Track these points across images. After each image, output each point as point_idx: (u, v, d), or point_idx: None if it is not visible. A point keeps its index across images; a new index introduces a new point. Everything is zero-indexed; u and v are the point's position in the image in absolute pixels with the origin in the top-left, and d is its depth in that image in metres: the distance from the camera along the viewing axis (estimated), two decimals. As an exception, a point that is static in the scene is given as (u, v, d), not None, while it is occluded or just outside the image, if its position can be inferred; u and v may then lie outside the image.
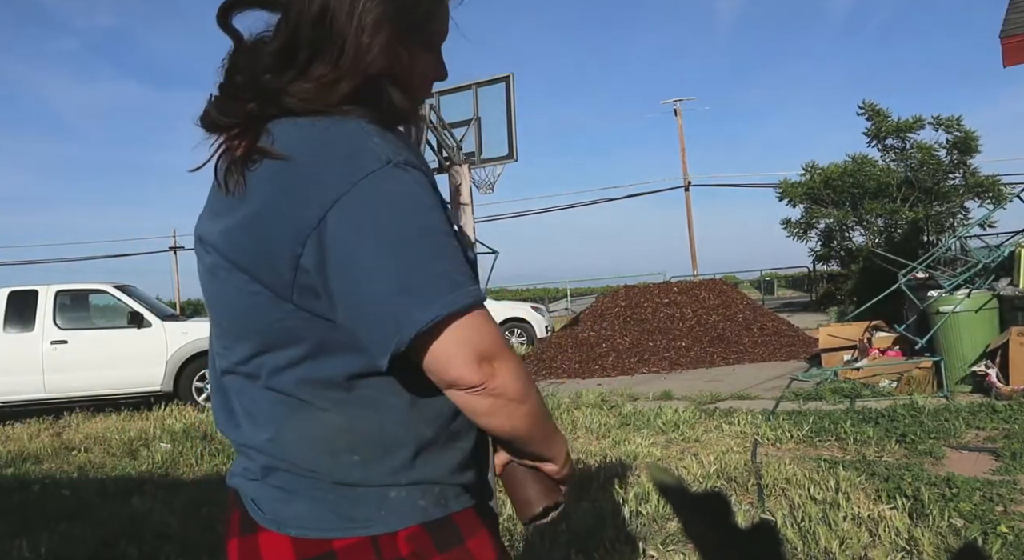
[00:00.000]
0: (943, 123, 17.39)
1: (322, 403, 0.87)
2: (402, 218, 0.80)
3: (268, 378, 0.88)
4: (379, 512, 0.85)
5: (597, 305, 12.14)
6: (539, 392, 0.91)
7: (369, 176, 0.79)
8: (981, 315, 6.47)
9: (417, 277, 0.79)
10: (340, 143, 0.82)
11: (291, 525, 0.85)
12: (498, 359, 0.83)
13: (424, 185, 0.84)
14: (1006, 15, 7.98)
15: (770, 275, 35.17)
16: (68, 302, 8.75)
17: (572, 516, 3.44)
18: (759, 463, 4.24)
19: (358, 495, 0.86)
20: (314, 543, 0.84)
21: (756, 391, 7.33)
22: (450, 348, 0.81)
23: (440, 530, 0.88)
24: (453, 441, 0.93)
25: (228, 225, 0.86)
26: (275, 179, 0.83)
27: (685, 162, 26.56)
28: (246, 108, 0.87)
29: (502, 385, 0.84)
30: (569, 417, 6.23)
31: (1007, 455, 4.11)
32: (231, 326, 0.91)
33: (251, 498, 0.89)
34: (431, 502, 0.88)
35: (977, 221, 10.10)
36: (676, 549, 3.00)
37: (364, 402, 0.87)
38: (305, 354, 0.87)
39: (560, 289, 35.53)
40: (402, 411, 0.88)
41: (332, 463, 0.86)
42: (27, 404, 8.38)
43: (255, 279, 0.85)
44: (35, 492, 4.80)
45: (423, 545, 0.86)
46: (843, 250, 19.62)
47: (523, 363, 0.91)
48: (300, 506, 0.86)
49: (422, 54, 0.95)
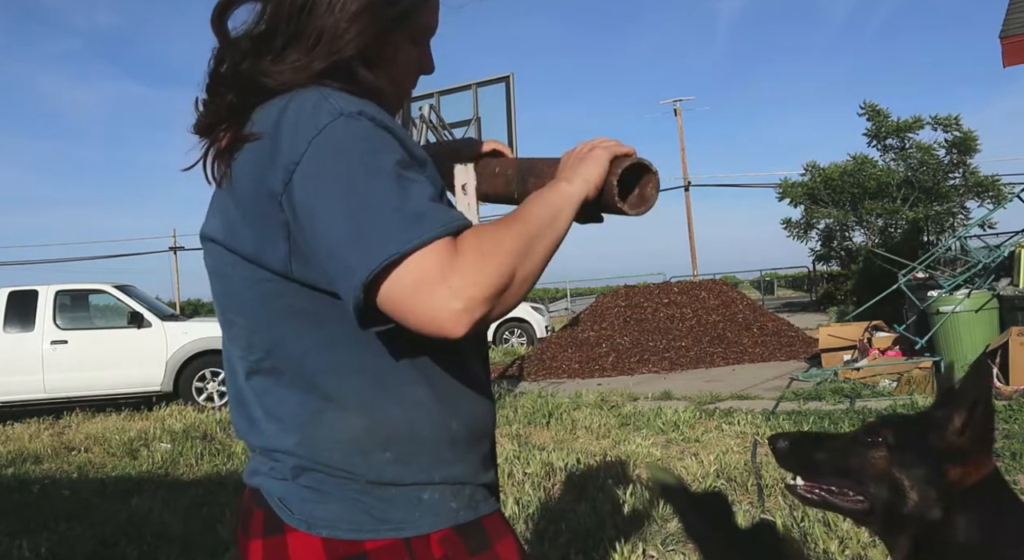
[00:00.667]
0: (942, 123, 17.42)
1: (349, 399, 0.86)
2: (350, 165, 0.79)
3: (293, 371, 0.87)
4: (412, 514, 0.86)
5: (597, 305, 12.14)
6: (515, 236, 0.81)
7: (323, 131, 0.80)
8: (981, 315, 6.48)
9: (368, 220, 0.76)
10: (301, 109, 0.83)
11: (322, 525, 0.85)
12: (467, 286, 0.75)
13: (376, 130, 0.82)
14: (1006, 15, 7.98)
15: (770, 275, 35.18)
16: (68, 302, 8.75)
17: (572, 516, 3.45)
18: (759, 463, 4.24)
19: (392, 496, 0.86)
20: (346, 544, 0.84)
21: (756, 391, 7.33)
22: (407, 293, 0.75)
23: (470, 534, 0.88)
24: (478, 439, 0.94)
25: (225, 216, 0.88)
26: (251, 158, 0.85)
27: (685, 162, 26.58)
28: (227, 102, 0.89)
29: (480, 300, 0.76)
30: (569, 417, 6.23)
31: (1007, 455, 4.12)
32: (248, 322, 0.90)
33: (278, 497, 0.88)
34: (462, 505, 0.89)
35: (977, 221, 10.10)
36: (676, 549, 3.00)
37: (393, 398, 0.87)
38: (325, 340, 0.86)
39: (560, 289, 35.50)
40: (431, 407, 0.88)
41: (365, 462, 0.85)
42: (27, 404, 8.38)
43: (260, 264, 0.86)
44: (35, 492, 4.80)
45: (455, 548, 0.86)
46: (843, 250, 19.64)
47: (491, 243, 0.79)
48: (333, 507, 0.85)
49: (405, 46, 0.97)
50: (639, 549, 2.98)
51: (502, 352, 13.39)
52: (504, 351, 13.59)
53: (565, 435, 5.60)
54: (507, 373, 10.35)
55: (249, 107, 0.87)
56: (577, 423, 5.98)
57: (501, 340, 14.70)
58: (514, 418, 6.33)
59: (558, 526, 3.33)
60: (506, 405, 6.94)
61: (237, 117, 0.87)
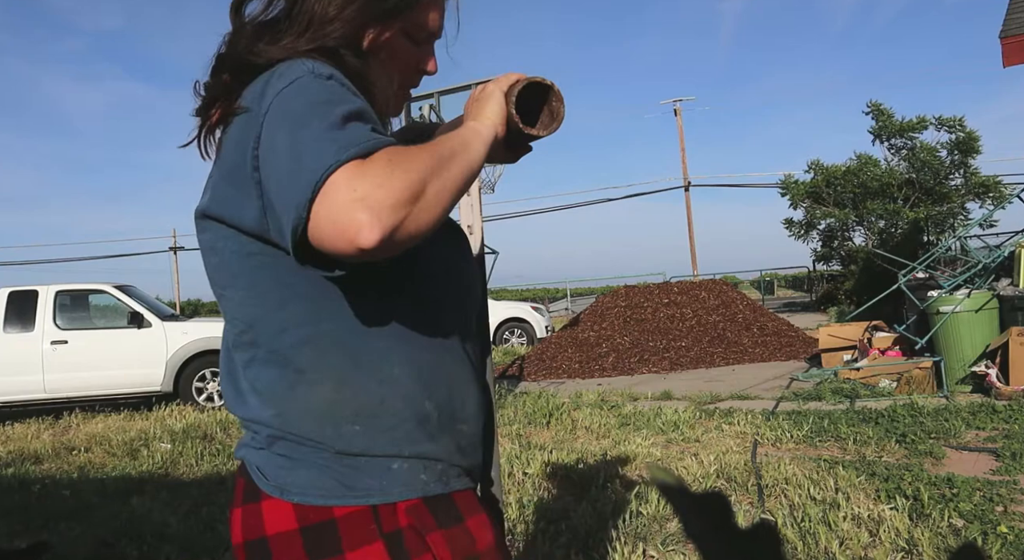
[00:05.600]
0: (945, 123, 17.42)
1: (323, 373, 0.88)
2: (306, 109, 0.79)
3: (271, 344, 0.89)
4: (381, 482, 0.87)
5: (597, 305, 12.14)
6: (426, 154, 0.80)
7: (293, 83, 0.82)
8: (981, 315, 6.48)
9: (306, 148, 0.76)
10: (278, 72, 0.86)
11: (294, 492, 0.87)
12: (373, 189, 0.73)
13: (342, 90, 0.84)
14: (1006, 15, 7.98)
15: (770, 275, 35.18)
16: (68, 302, 8.74)
17: (572, 516, 3.45)
18: (759, 463, 4.24)
19: (361, 465, 0.87)
20: (316, 510, 0.86)
21: (756, 391, 7.33)
22: (320, 212, 0.74)
23: (439, 506, 0.89)
24: (456, 422, 0.95)
25: (214, 189, 0.90)
26: (236, 128, 0.87)
27: (685, 162, 26.58)
28: (222, 81, 0.92)
29: (391, 214, 0.73)
30: (569, 417, 6.23)
31: (1007, 455, 4.11)
32: (233, 294, 0.92)
33: (256, 466, 0.91)
34: (432, 478, 0.90)
35: (977, 221, 10.10)
36: (676, 549, 3.00)
37: (366, 374, 0.89)
38: (304, 314, 0.88)
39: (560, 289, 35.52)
40: (406, 386, 0.90)
41: (335, 433, 0.87)
42: (27, 404, 8.38)
43: (242, 230, 0.87)
44: (35, 492, 4.80)
45: (422, 518, 0.87)
46: (843, 250, 19.63)
47: (400, 160, 0.77)
48: (304, 474, 0.87)
49: (401, 40, 0.99)
50: (639, 549, 2.98)
51: (502, 352, 13.39)
52: (504, 351, 13.58)
53: (565, 435, 5.60)
54: (507, 373, 10.35)
55: (241, 84, 0.90)
56: (577, 423, 5.98)
57: (501, 340, 14.70)
58: (514, 418, 6.33)
59: (558, 526, 3.33)
60: (506, 405, 6.94)
61: (229, 94, 0.90)
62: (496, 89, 0.98)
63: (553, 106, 1.01)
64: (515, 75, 1.00)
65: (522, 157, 1.08)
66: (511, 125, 0.97)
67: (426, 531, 0.87)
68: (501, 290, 31.88)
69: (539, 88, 0.99)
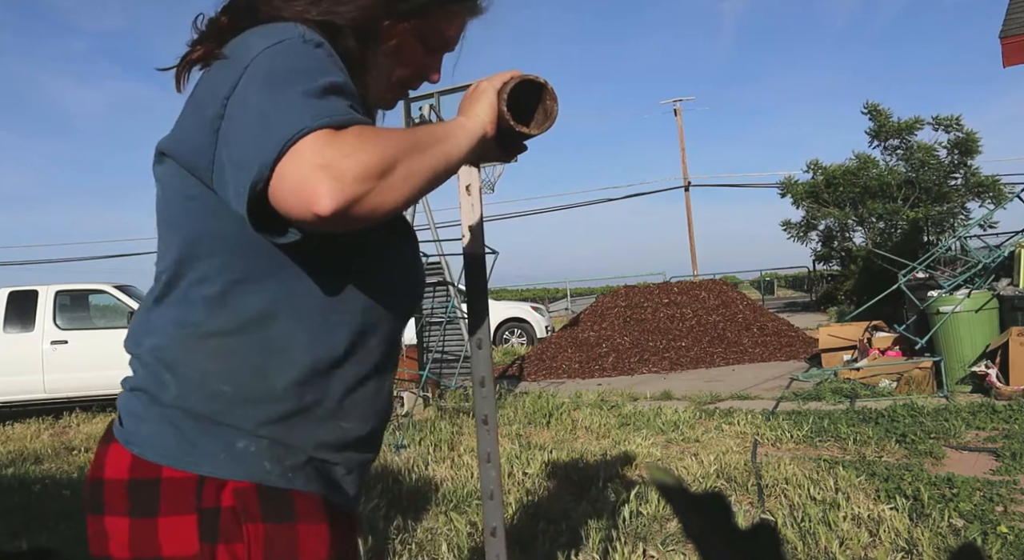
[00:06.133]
0: (943, 123, 17.42)
1: (221, 328, 0.86)
2: (287, 72, 0.79)
3: (183, 288, 0.88)
4: (218, 455, 0.84)
5: (597, 305, 12.14)
6: (401, 135, 0.79)
7: (280, 43, 0.81)
8: (981, 315, 6.48)
9: (279, 109, 0.75)
10: (269, 29, 0.85)
11: (135, 443, 0.86)
12: (339, 157, 0.72)
13: (329, 59, 0.83)
14: (1006, 15, 7.98)
15: (770, 275, 35.19)
16: (68, 302, 8.74)
17: (572, 516, 3.45)
18: (759, 463, 4.24)
19: (207, 431, 0.85)
20: (148, 466, 0.84)
21: (756, 391, 7.33)
22: (282, 174, 0.73)
23: (273, 498, 0.85)
24: (337, 418, 0.91)
25: (180, 126, 0.89)
26: (215, 72, 0.86)
27: (685, 162, 26.58)
28: (220, 22, 0.91)
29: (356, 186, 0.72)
30: (569, 417, 6.23)
31: (1007, 455, 4.11)
32: (167, 233, 0.91)
33: (120, 410, 0.91)
34: (276, 468, 0.86)
35: (977, 221, 10.10)
36: (676, 549, 3.00)
37: (262, 343, 0.86)
38: (220, 267, 0.86)
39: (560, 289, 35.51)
40: (296, 369, 0.87)
41: (201, 385, 0.85)
42: (27, 404, 8.38)
43: (192, 172, 0.86)
44: (35, 492, 4.80)
45: (248, 504, 0.83)
46: (843, 250, 19.63)
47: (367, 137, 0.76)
48: (149, 427, 0.86)
49: (411, 41, 0.98)
50: (639, 549, 2.98)
51: (502, 352, 13.39)
52: (504, 351, 13.58)
53: (565, 435, 5.60)
54: (507, 373, 10.35)
55: (235, 31, 0.88)
56: (577, 423, 5.98)
57: (501, 340, 14.70)
58: (514, 418, 6.33)
59: (558, 526, 3.33)
60: (506, 405, 6.94)
61: (221, 37, 0.89)
62: (489, 87, 0.98)
63: (547, 105, 1.00)
64: (509, 74, 0.99)
65: (518, 155, 1.08)
66: (503, 123, 0.97)
67: (247, 519, 0.83)
68: (501, 290, 31.88)
69: (533, 86, 0.99)
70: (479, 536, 3.24)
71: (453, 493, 3.94)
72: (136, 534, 0.84)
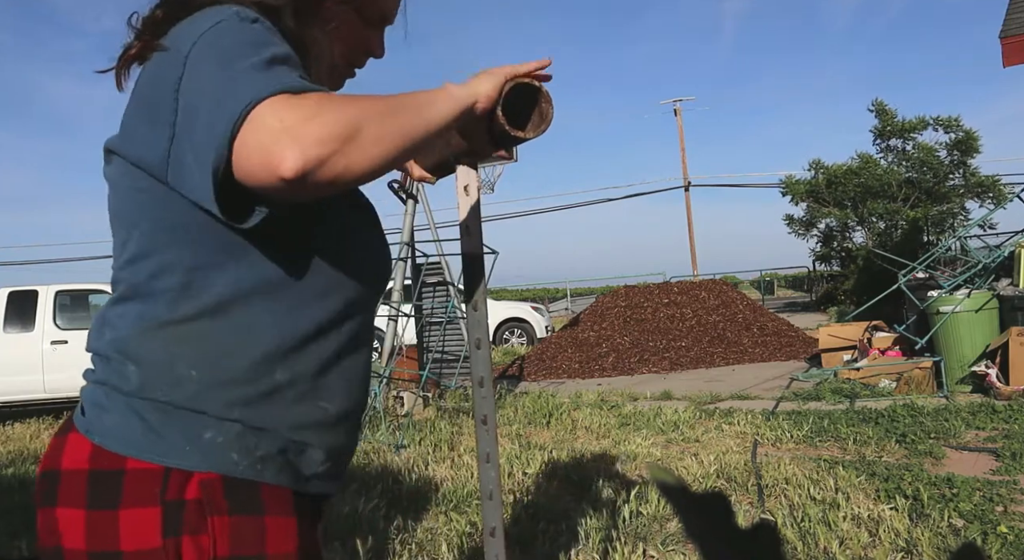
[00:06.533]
0: (943, 123, 17.45)
1: (182, 315, 0.84)
2: (232, 49, 0.78)
3: (145, 284, 0.86)
4: (184, 447, 0.82)
5: (597, 305, 12.14)
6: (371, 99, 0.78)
7: (217, 24, 0.80)
8: (981, 315, 6.48)
9: (229, 85, 0.74)
10: (203, 14, 0.84)
11: (97, 433, 0.84)
12: (301, 120, 0.71)
13: (268, 33, 0.82)
14: (1006, 15, 7.99)
15: (770, 275, 35.20)
16: (68, 302, 8.74)
17: (572, 516, 3.45)
18: (759, 463, 4.24)
19: (173, 421, 0.82)
20: (110, 456, 0.82)
21: (756, 391, 7.33)
22: (242, 141, 0.72)
23: (240, 491, 0.83)
24: (315, 397, 0.89)
25: (124, 123, 0.87)
26: (155, 64, 0.85)
27: (685, 162, 26.58)
28: (154, 15, 0.90)
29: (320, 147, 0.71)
30: (569, 417, 6.24)
31: (1007, 455, 4.11)
32: (121, 231, 0.89)
33: (82, 400, 0.89)
34: (245, 460, 0.83)
35: (977, 221, 10.10)
36: (676, 549, 3.00)
37: (226, 325, 0.85)
38: (180, 259, 0.85)
39: (560, 289, 35.52)
40: (262, 347, 0.85)
41: (168, 372, 0.83)
42: (27, 404, 8.38)
43: (142, 167, 0.84)
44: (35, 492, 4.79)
45: (214, 496, 0.81)
46: (843, 250, 19.65)
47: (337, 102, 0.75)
48: (113, 417, 0.84)
49: (352, 17, 0.98)
50: (639, 549, 2.98)
51: (502, 352, 13.39)
52: (504, 351, 13.59)
53: (565, 435, 5.60)
54: (507, 373, 10.35)
55: (171, 22, 0.87)
56: (577, 423, 5.98)
57: (501, 340, 14.71)
58: (514, 418, 6.33)
59: (558, 526, 3.33)
60: (506, 405, 6.94)
61: (157, 30, 0.87)
62: (500, 72, 0.95)
63: (542, 108, 0.99)
64: (512, 68, 0.97)
65: (507, 152, 1.07)
66: (498, 128, 0.96)
67: (212, 512, 0.81)
68: (501, 290, 31.88)
69: (528, 90, 0.98)
70: (479, 536, 3.24)
71: (453, 493, 3.94)
72: (93, 526, 0.81)
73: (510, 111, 0.96)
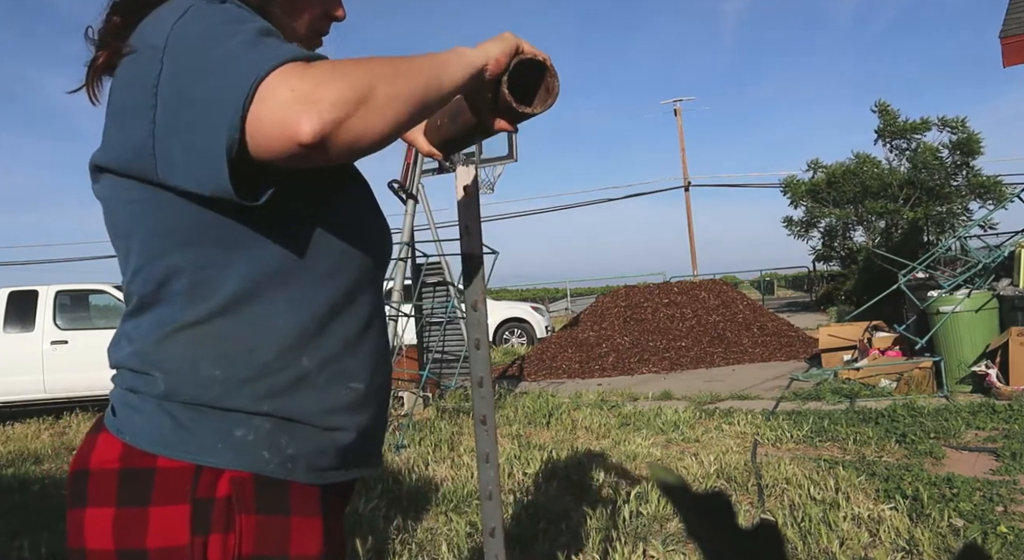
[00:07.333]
0: (948, 124, 17.44)
1: (197, 317, 0.84)
2: (211, 32, 0.76)
3: (155, 293, 0.86)
4: (215, 444, 0.82)
5: (597, 305, 12.14)
6: (382, 61, 0.77)
7: (186, 12, 0.79)
8: (981, 315, 6.48)
9: (223, 65, 0.73)
10: (168, 8, 0.82)
11: (128, 432, 0.84)
12: (314, 86, 0.70)
13: (239, 9, 0.81)
14: (1006, 15, 7.99)
15: (770, 275, 35.19)
16: (68, 302, 8.75)
17: (572, 516, 3.45)
18: (759, 463, 4.24)
19: (204, 419, 0.83)
20: (141, 455, 0.82)
21: (756, 391, 7.33)
22: (255, 113, 0.71)
23: (269, 490, 0.83)
24: (345, 378, 0.90)
25: (105, 137, 0.86)
26: (126, 68, 0.83)
27: (685, 162, 26.59)
28: (112, 23, 0.88)
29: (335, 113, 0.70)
30: (569, 417, 6.23)
31: (1007, 455, 4.11)
32: (124, 244, 0.89)
33: (113, 401, 0.89)
34: (276, 458, 0.84)
35: (977, 221, 10.10)
36: (676, 549, 3.00)
37: (243, 320, 0.85)
38: (185, 261, 0.84)
39: (560, 289, 35.53)
40: (283, 337, 0.85)
41: (192, 375, 0.83)
42: (27, 404, 8.38)
43: (130, 175, 0.83)
44: (35, 492, 4.80)
45: (244, 494, 0.82)
46: (843, 250, 19.65)
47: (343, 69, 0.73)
48: (143, 417, 0.84)
49: None
50: (639, 549, 2.97)
51: (502, 352, 13.39)
52: (504, 351, 13.59)
53: (565, 435, 5.60)
54: (507, 373, 10.35)
55: (131, 26, 0.86)
56: (577, 423, 5.98)
57: (501, 340, 14.71)
58: (514, 418, 6.33)
59: (558, 526, 3.33)
60: (506, 405, 6.94)
61: (119, 35, 0.86)
62: (512, 37, 0.93)
63: (548, 82, 0.98)
64: (536, 51, 0.95)
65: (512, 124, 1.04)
66: (503, 105, 0.95)
67: (240, 510, 0.81)
68: (501, 290, 31.88)
69: (533, 65, 0.96)
70: (479, 536, 3.24)
71: (453, 493, 3.94)
72: (121, 524, 0.81)
73: (517, 85, 0.95)
